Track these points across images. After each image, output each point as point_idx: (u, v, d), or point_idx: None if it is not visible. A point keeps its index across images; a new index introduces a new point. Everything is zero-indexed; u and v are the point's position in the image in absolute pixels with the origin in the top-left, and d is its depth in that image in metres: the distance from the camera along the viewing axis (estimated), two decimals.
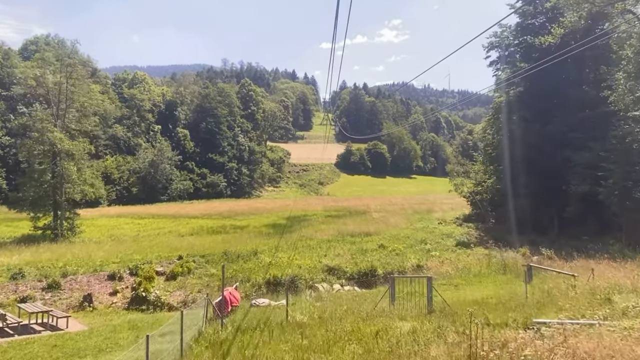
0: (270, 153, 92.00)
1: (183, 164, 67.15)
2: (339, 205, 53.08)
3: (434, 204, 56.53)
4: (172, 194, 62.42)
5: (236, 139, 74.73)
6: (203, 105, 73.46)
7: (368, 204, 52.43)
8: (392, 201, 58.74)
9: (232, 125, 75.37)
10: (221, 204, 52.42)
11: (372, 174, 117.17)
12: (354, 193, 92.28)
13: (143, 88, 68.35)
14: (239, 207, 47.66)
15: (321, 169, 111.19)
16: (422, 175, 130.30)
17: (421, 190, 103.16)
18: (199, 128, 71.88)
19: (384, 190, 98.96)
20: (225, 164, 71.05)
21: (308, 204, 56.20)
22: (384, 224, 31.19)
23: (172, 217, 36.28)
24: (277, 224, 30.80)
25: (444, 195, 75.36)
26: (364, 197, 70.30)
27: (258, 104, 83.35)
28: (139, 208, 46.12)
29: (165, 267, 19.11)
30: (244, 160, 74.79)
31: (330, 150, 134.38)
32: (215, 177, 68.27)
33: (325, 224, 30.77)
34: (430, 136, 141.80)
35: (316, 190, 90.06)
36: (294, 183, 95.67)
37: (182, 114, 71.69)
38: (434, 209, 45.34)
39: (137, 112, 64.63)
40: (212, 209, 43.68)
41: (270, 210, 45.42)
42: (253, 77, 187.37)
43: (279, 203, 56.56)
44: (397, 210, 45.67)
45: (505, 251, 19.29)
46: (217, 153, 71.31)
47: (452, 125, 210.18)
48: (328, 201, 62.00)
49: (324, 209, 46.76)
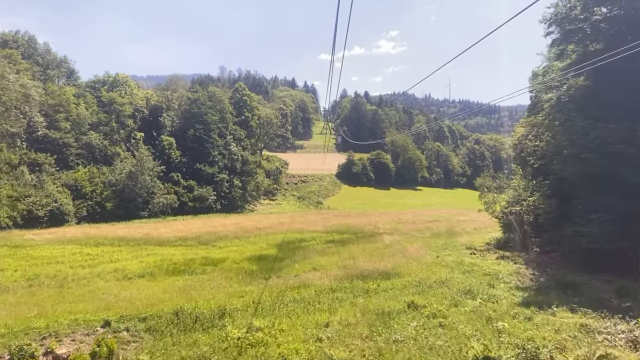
0: (266, 163, 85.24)
1: (167, 176, 60.28)
2: (342, 223, 46.11)
3: (450, 221, 49.54)
4: (154, 209, 55.41)
5: (228, 147, 68.00)
6: (192, 111, 66.88)
7: (376, 222, 45.46)
8: (402, 217, 51.74)
9: (224, 133, 68.71)
10: (205, 222, 45.39)
11: (376, 186, 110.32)
12: (356, 206, 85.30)
13: (124, 91, 61.83)
14: (225, 226, 40.64)
15: (321, 180, 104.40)
16: (428, 187, 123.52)
17: (429, 203, 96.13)
18: (186, 136, 65.20)
19: (389, 203, 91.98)
20: (215, 175, 64.19)
21: (306, 221, 49.24)
22: (402, 255, 24.21)
23: (136, 243, 29.23)
24: (264, 255, 23.81)
25: (456, 210, 68.34)
26: (369, 213, 63.38)
27: (253, 109, 76.81)
28: (106, 228, 39.10)
29: (74, 346, 12.10)
30: (237, 171, 67.96)
31: (330, 160, 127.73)
32: (203, 189, 61.34)
33: (326, 256, 23.81)
34: (435, 145, 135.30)
35: (316, 204, 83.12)
36: (291, 195, 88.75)
37: (168, 120, 65.05)
38: (455, 230, 38.34)
39: (116, 118, 57.96)
40: (191, 230, 36.65)
41: (261, 230, 38.43)
42: (251, 85, 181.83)
43: (274, 220, 49.56)
44: (410, 230, 38.67)
45: (608, 318, 12.37)
46: (206, 163, 64.48)
47: (455, 134, 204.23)
48: (329, 217, 55.03)
49: (324, 229, 39.82)
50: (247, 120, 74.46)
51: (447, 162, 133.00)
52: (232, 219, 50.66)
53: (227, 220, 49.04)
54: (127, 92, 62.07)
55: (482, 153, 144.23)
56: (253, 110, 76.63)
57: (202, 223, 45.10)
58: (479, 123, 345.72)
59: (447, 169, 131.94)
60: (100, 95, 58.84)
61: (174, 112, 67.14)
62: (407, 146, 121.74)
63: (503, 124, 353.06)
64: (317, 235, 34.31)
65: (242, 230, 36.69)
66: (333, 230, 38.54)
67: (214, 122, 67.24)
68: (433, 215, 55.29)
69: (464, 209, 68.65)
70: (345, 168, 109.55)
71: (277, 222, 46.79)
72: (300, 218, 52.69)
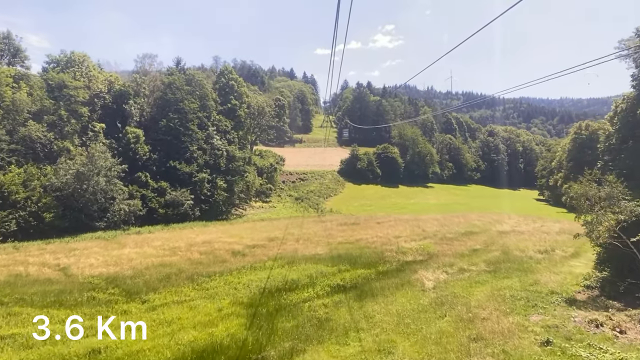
0: (258, 159, 73.74)
1: (132, 176, 48.89)
2: (351, 238, 34.76)
3: (490, 233, 38.09)
4: (113, 218, 44.08)
5: (210, 141, 56.47)
6: (165, 97, 55.34)
7: (395, 238, 34.06)
8: (426, 229, 40.27)
9: (205, 124, 57.15)
10: (168, 239, 33.95)
11: (383, 183, 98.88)
12: (363, 208, 73.93)
13: (79, 73, 50.21)
14: (190, 248, 29.23)
15: (322, 177, 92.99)
16: (439, 184, 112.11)
17: (444, 203, 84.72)
18: (158, 127, 53.71)
19: (400, 204, 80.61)
20: (194, 174, 52.71)
21: (304, 235, 37.91)
22: (472, 329, 12.98)
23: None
24: (215, 348, 12.31)
25: (488, 215, 56.89)
26: (381, 218, 52.06)
27: (241, 96, 65.13)
28: (13, 256, 27.74)
29: None
30: (220, 169, 56.45)
31: (332, 155, 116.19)
32: (177, 192, 49.93)
33: (335, 336, 12.59)
34: (447, 138, 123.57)
35: (316, 205, 71.74)
36: (288, 196, 77.38)
37: (136, 109, 53.50)
38: (514, 254, 26.88)
39: (67, 105, 46.44)
40: (132, 259, 25.24)
41: (236, 257, 27.11)
42: (246, 75, 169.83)
43: (260, 234, 38.22)
44: (450, 254, 27.19)
45: None
46: (182, 160, 53.00)
47: (464, 126, 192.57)
48: (333, 228, 43.77)
49: (328, 251, 28.51)
50: (234, 109, 62.82)
51: (459, 156, 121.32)
52: (207, 233, 39.27)
53: (199, 235, 37.63)
54: (83, 74, 50.44)
55: (496, 146, 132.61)
56: (241, 98, 64.98)
57: (163, 241, 33.64)
58: (483, 115, 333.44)
59: (460, 163, 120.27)
60: (47, 77, 47.34)
61: (144, 99, 55.58)
62: (417, 139, 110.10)
63: (509, 117, 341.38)
64: (318, 268, 22.87)
65: (208, 260, 25.28)
66: (340, 254, 27.12)
67: (192, 110, 55.68)
68: (463, 224, 43.91)
69: (495, 213, 57.26)
70: (349, 164, 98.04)
71: (265, 238, 35.42)
72: (295, 230, 41.34)
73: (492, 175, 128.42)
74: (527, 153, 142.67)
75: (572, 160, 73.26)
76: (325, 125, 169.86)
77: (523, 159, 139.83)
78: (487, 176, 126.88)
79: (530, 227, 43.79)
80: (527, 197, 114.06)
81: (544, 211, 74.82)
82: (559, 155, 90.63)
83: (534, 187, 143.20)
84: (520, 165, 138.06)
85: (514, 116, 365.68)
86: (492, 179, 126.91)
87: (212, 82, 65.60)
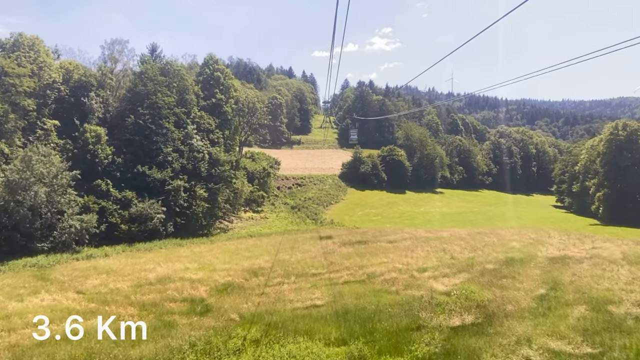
0: (249, 163, 64.84)
1: (90, 185, 40.03)
2: (359, 272, 25.79)
3: (538, 261, 29.23)
4: (61, 238, 35.16)
5: (188, 141, 47.60)
6: (135, 89, 46.55)
7: (421, 268, 25.15)
8: (454, 252, 31.27)
9: (183, 121, 48.32)
10: (120, 270, 24.92)
11: (388, 189, 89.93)
12: (369, 218, 65.05)
13: (26, 58, 41.34)
14: (140, 289, 20.34)
15: (322, 182, 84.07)
16: (449, 189, 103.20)
17: (458, 212, 75.88)
18: (124, 125, 44.87)
19: (409, 212, 71.75)
20: (167, 181, 43.83)
21: (297, 262, 29.05)
22: None
23: None
24: None
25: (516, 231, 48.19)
26: (393, 234, 43.24)
27: (228, 90, 56.24)
28: None
29: None
30: (201, 175, 47.55)
31: (333, 158, 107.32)
32: (146, 204, 41.02)
33: None
34: (456, 139, 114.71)
35: (314, 215, 62.83)
36: (283, 204, 68.44)
37: (98, 103, 44.66)
38: (624, 321, 17.96)
39: (7, 97, 37.60)
40: (9, 333, 16.28)
41: (193, 314, 18.29)
42: (242, 73, 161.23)
43: (242, 262, 29.32)
44: (516, 305, 18.31)
45: None
46: (154, 165, 44.15)
47: (470, 128, 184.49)
48: (335, 251, 34.88)
49: (331, 299, 19.58)
50: (219, 105, 53.93)
51: (469, 158, 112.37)
52: (172, 260, 30.27)
53: (160, 264, 28.57)
54: (32, 60, 41.57)
55: (508, 148, 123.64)
56: (229, 91, 56.06)
57: (106, 276, 24.66)
58: (486, 117, 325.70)
59: (471, 167, 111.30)
60: None
61: (110, 92, 46.74)
62: (425, 140, 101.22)
63: (512, 118, 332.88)
64: (315, 350, 13.93)
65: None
66: (348, 308, 18.18)
67: (168, 105, 46.85)
68: (499, 246, 34.91)
69: (529, 228, 48.32)
70: (352, 167, 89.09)
71: (246, 269, 26.50)
72: (288, 255, 32.40)
73: (504, 179, 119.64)
74: (540, 156, 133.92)
75: (608, 164, 64.44)
76: (325, 126, 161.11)
77: (536, 162, 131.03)
78: (499, 180, 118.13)
79: (582, 250, 34.74)
80: (544, 204, 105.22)
81: (573, 223, 65.94)
82: (584, 159, 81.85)
83: (548, 192, 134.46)
84: (533, 168, 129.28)
85: (517, 117, 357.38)
86: (504, 184, 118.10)
87: (195, 74, 56.75)
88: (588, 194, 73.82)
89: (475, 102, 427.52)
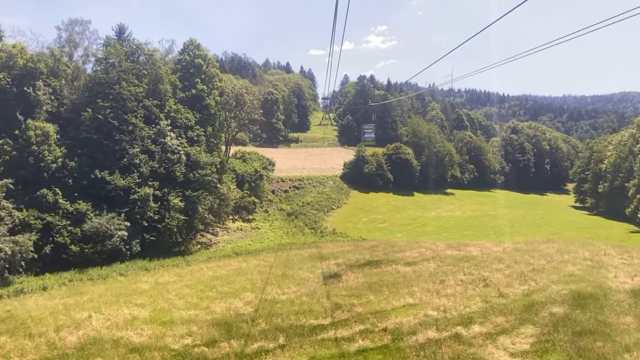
0: (238, 164, 56.70)
1: (33, 196, 31.96)
2: (377, 325, 17.66)
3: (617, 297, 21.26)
4: None
5: (161, 140, 39.54)
6: (96, 78, 38.45)
7: (464, 318, 17.01)
8: (500, 285, 23.33)
9: (155, 116, 40.25)
10: (37, 322, 16.93)
11: (395, 190, 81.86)
12: (375, 225, 56.97)
13: None
14: None
15: (322, 184, 76.01)
16: (460, 189, 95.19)
17: (473, 215, 67.74)
18: (80, 121, 36.74)
19: (420, 218, 63.71)
20: (133, 189, 35.76)
21: (290, 304, 21.08)
22: None
23: None
24: None
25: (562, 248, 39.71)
26: (406, 248, 35.30)
27: (212, 80, 48.04)
28: None
29: None
30: (176, 180, 39.44)
31: (333, 156, 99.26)
32: (104, 218, 32.96)
33: None
34: (466, 135, 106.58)
35: (314, 224, 54.80)
36: (278, 211, 60.35)
37: (47, 95, 36.54)
38: None
39: None
40: None
41: None
42: (236, 68, 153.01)
43: (213, 302, 21.25)
44: None
45: None
46: (117, 169, 36.07)
47: (475, 123, 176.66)
48: (340, 274, 27.04)
49: None
50: (200, 97, 45.80)
51: (481, 156, 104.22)
52: (122, 302, 22.23)
53: (104, 309, 20.50)
54: None
55: (521, 144, 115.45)
56: (212, 81, 47.93)
57: (5, 338, 16.76)
58: (488, 113, 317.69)
59: (482, 165, 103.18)
60: None
61: (64, 82, 38.64)
62: (434, 136, 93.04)
63: (515, 114, 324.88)
64: None
65: None
66: None
67: (135, 96, 38.74)
68: (551, 271, 26.85)
69: (576, 243, 40.24)
70: (355, 167, 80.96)
71: (214, 323, 18.47)
72: (276, 288, 24.39)
73: (517, 178, 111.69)
74: (553, 152, 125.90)
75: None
76: (324, 124, 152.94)
77: (549, 160, 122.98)
78: (511, 179, 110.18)
79: None
80: (562, 205, 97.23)
81: (609, 229, 57.59)
82: (612, 156, 73.88)
83: (562, 190, 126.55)
84: (547, 166, 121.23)
85: (520, 113, 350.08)
86: (517, 183, 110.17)
87: (173, 62, 48.59)
88: (620, 195, 65.92)
89: (476, 98, 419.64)
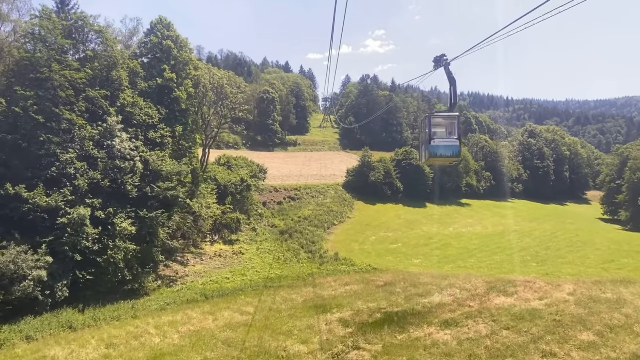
0: (220, 172, 46.74)
1: None
2: None
3: None
4: None
5: (107, 143, 29.67)
6: (23, 60, 28.67)
7: None
8: None
9: (102, 111, 30.41)
10: None
11: (406, 201, 71.86)
12: (385, 247, 46.88)
13: None
14: None
15: (322, 194, 66.01)
16: (476, 199, 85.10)
17: (494, 232, 57.73)
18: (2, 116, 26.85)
19: (438, 237, 53.65)
20: (62, 210, 25.87)
21: None
22: None
23: None
24: None
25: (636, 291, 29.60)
26: (427, 281, 25.45)
27: (185, 67, 38.24)
28: None
29: None
30: (128, 196, 29.53)
31: (335, 162, 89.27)
32: (11, 254, 23.01)
33: None
34: (482, 139, 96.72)
35: (312, 245, 44.83)
36: (270, 228, 50.37)
37: None
38: None
39: None
40: None
41: None
42: (231, 66, 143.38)
43: None
44: None
45: None
46: (41, 181, 26.18)
47: (484, 127, 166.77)
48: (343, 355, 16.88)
49: None
50: (168, 88, 36.04)
51: (497, 162, 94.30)
52: None
53: None
54: None
55: (540, 150, 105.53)
56: (184, 69, 38.14)
57: None
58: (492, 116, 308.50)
59: (499, 172, 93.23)
60: None
61: None
62: None
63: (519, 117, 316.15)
64: None
65: None
66: None
67: (71, 84, 28.93)
68: None
69: None
70: (359, 175, 70.96)
71: None
72: None
73: (536, 186, 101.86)
74: (573, 159, 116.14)
75: None
76: (325, 126, 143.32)
77: (569, 166, 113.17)
78: (529, 188, 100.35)
79: None
80: (590, 217, 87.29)
81: None
82: None
83: (582, 200, 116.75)
84: (566, 173, 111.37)
85: (524, 117, 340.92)
86: (535, 192, 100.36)
87: (137, 45, 38.83)
88: None
89: (480, 101, 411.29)
